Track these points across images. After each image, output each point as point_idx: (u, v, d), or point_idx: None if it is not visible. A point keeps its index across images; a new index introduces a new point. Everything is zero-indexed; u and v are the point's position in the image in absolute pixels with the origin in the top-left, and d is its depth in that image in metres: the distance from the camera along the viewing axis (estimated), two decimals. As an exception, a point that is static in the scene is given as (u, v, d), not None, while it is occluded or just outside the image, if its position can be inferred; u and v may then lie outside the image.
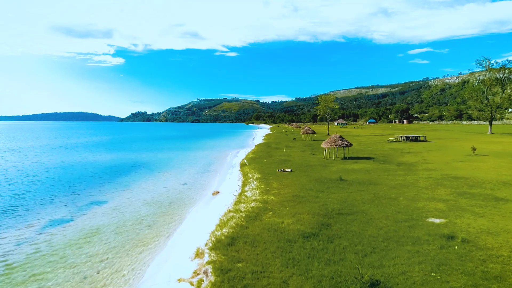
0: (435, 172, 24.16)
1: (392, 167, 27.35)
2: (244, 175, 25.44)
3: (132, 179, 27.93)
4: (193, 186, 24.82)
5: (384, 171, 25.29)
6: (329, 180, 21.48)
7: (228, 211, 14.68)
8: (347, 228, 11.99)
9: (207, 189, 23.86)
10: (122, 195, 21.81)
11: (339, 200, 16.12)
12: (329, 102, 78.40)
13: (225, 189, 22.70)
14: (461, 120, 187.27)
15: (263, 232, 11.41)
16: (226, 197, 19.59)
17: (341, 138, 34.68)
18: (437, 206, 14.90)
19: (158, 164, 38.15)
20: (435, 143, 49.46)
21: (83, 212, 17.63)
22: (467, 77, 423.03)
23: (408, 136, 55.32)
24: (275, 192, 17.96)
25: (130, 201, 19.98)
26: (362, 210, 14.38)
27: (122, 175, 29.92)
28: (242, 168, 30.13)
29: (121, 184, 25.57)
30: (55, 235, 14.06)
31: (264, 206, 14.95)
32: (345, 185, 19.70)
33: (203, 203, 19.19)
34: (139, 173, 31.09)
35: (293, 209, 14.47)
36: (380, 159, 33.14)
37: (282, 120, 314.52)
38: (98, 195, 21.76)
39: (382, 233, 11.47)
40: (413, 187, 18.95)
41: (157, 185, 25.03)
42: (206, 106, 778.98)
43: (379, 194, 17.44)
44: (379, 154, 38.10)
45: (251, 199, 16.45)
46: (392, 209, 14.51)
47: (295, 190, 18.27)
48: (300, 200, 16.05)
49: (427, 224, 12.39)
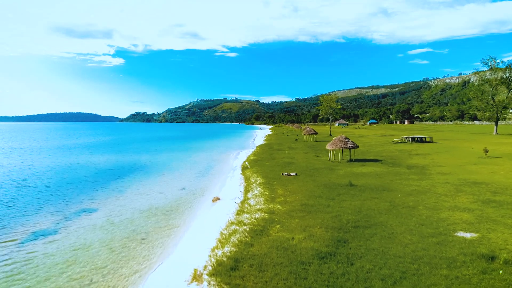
0: (450, 176, 22.59)
1: (403, 171, 25.79)
2: (246, 180, 23.87)
3: (127, 183, 26.35)
4: (192, 192, 23.24)
5: (395, 175, 23.73)
6: (338, 185, 19.92)
7: (230, 223, 13.12)
8: (368, 245, 10.43)
9: (206, 195, 22.29)
10: (115, 202, 20.23)
11: (352, 209, 14.55)
12: (331, 102, 76.82)
13: (226, 194, 21.13)
14: (463, 121, 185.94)
15: (271, 251, 9.83)
16: (227, 204, 18.04)
17: (347, 140, 33.13)
18: (463, 217, 13.33)
19: (156, 166, 36.57)
20: (442, 144, 47.91)
21: (70, 223, 16.05)
22: (467, 77, 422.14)
23: (414, 137, 53.78)
24: (281, 200, 16.38)
25: (123, 210, 18.39)
26: (380, 222, 12.82)
27: (117, 179, 28.34)
28: (243, 172, 28.56)
29: (115, 189, 23.98)
30: (35, 253, 12.47)
31: (270, 217, 13.38)
32: (357, 192, 18.13)
33: (202, 212, 17.61)
34: (135, 177, 29.52)
35: (303, 220, 12.90)
36: (388, 162, 31.60)
37: (282, 121, 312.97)
38: (89, 202, 20.18)
39: (409, 251, 9.91)
40: (431, 194, 17.39)
41: (154, 191, 23.45)
42: (206, 106, 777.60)
43: (395, 202, 15.88)
44: (386, 156, 36.55)
45: (255, 209, 14.88)
46: (413, 220, 12.94)
47: (302, 198, 16.70)
48: (309, 209, 14.48)
49: (458, 240, 10.83)
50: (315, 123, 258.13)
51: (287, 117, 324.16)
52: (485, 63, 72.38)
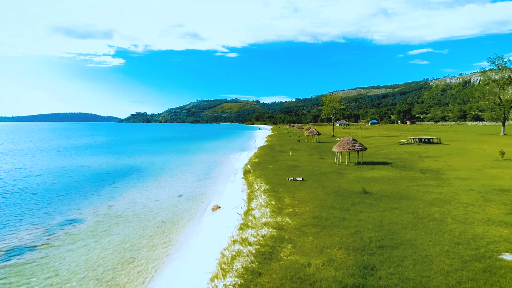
0: (471, 182, 20.75)
1: (418, 175, 23.96)
2: (249, 185, 22.03)
3: (120, 188, 24.51)
4: (190, 198, 21.40)
5: (410, 180, 21.89)
6: (351, 192, 18.08)
7: (233, 241, 11.29)
8: (401, 273, 8.58)
9: (206, 202, 20.45)
10: (104, 211, 18.38)
11: (372, 223, 12.72)
12: (334, 102, 75.01)
13: (227, 202, 19.29)
14: (465, 121, 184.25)
15: (284, 284, 7.98)
16: (228, 215, 16.21)
17: (354, 141, 31.31)
18: (501, 233, 11.50)
19: (153, 169, 34.73)
20: (451, 146, 46.07)
21: (49, 238, 14.21)
22: (468, 78, 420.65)
23: (421, 138, 51.93)
24: (290, 211, 14.53)
25: (112, 221, 16.55)
26: (408, 240, 10.98)
27: (111, 184, 26.51)
28: (245, 176, 26.72)
29: (106, 195, 22.14)
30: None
31: (279, 235, 11.53)
32: (373, 200, 16.30)
33: (200, 223, 15.77)
34: (130, 181, 27.68)
35: (318, 238, 11.06)
36: (398, 165, 29.77)
37: (283, 121, 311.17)
38: (76, 211, 18.32)
39: (453, 283, 8.07)
40: (457, 204, 15.55)
41: (148, 198, 21.60)
42: (206, 106, 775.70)
43: (418, 213, 14.04)
44: (395, 158, 34.72)
45: (260, 222, 13.04)
46: (446, 238, 11.11)
47: (314, 208, 14.85)
48: (323, 223, 12.64)
49: (507, 265, 8.99)
50: (316, 123, 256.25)
51: (287, 118, 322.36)
52: (492, 62, 70.56)
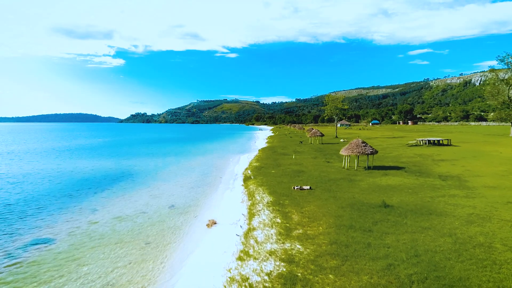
0: (504, 192, 18.16)
1: (438, 182, 21.40)
2: (250, 195, 19.46)
3: (106, 199, 21.95)
4: (182, 210, 18.83)
5: (432, 189, 19.33)
6: (369, 206, 15.52)
7: (230, 280, 8.73)
8: None
9: (200, 215, 17.89)
10: (82, 229, 15.81)
11: (405, 251, 10.15)
12: (337, 102, 72.41)
13: (224, 216, 16.75)
14: (468, 121, 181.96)
15: None
16: (225, 233, 13.67)
17: (364, 144, 28.78)
18: None
19: (146, 174, 32.16)
20: (463, 148, 43.50)
21: (9, 263, 11.67)
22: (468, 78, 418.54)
23: (430, 140, 49.36)
24: (300, 233, 11.95)
25: (88, 244, 13.98)
26: (459, 278, 8.42)
27: (97, 192, 23.96)
28: (246, 183, 24.15)
29: (89, 208, 19.57)
30: None
31: (289, 272, 8.95)
32: (396, 217, 13.74)
33: (191, 245, 13.19)
34: (119, 188, 25.12)
35: (341, 278, 8.50)
36: (412, 169, 27.23)
37: (283, 121, 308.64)
38: (49, 229, 15.75)
39: None
40: (499, 222, 12.98)
41: (136, 210, 19.02)
42: (206, 107, 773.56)
43: (457, 235, 11.48)
44: (407, 162, 32.17)
45: (265, 250, 10.47)
46: (508, 275, 8.56)
47: (328, 229, 12.28)
48: (344, 252, 10.08)
49: None
50: (316, 123, 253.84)
51: (287, 118, 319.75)
52: (501, 60, 68.02)
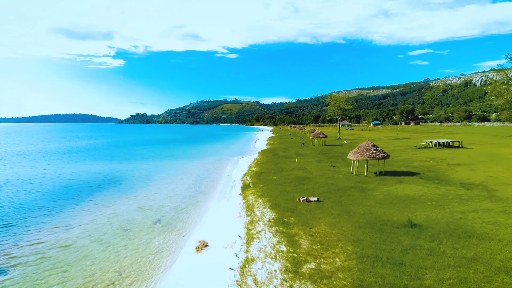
0: (547, 205, 15.53)
1: (463, 192, 18.75)
2: (249, 209, 16.78)
3: (85, 212, 19.30)
4: (169, 227, 16.17)
5: (459, 201, 16.68)
6: (391, 224, 12.86)
7: None
8: None
9: (189, 233, 15.24)
10: (47, 253, 13.16)
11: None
12: (340, 102, 69.69)
13: (218, 235, 14.10)
14: (471, 122, 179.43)
15: None
16: (217, 262, 11.03)
17: (375, 148, 26.14)
18: None
19: (136, 180, 29.51)
20: (476, 150, 40.85)
21: None
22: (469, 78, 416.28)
23: (440, 141, 46.72)
24: (312, 270, 9.24)
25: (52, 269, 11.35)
26: None
27: (77, 202, 21.32)
28: (244, 192, 21.48)
29: (62, 223, 16.91)
30: None
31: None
32: (429, 241, 11.08)
33: (175, 277, 10.53)
34: (103, 198, 22.45)
35: None
36: (428, 176, 24.60)
37: (283, 122, 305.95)
38: (6, 253, 13.11)
39: None
40: (560, 249, 10.33)
41: (116, 226, 16.35)
42: (206, 107, 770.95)
43: (516, 272, 8.82)
44: (420, 166, 29.52)
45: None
46: None
47: (348, 261, 9.60)
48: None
49: None
50: (317, 124, 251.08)
51: (288, 118, 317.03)
52: (511, 59, 65.37)
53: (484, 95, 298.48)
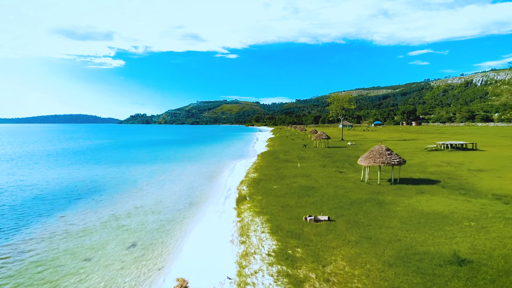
0: None
1: (503, 208, 15.58)
2: (243, 232, 13.54)
3: (48, 229, 16.10)
4: (145, 254, 12.97)
5: (505, 222, 13.49)
6: (431, 260, 9.67)
7: None
8: None
9: (167, 264, 12.04)
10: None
11: None
12: (343, 101, 66.56)
13: (201, 271, 10.91)
14: (474, 122, 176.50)
15: None
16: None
17: (389, 152, 22.93)
18: None
19: (119, 189, 26.31)
20: (493, 153, 37.71)
21: None
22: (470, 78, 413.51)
23: (452, 144, 43.56)
24: None
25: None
26: None
27: (46, 216, 18.17)
28: (239, 206, 18.23)
29: (15, 245, 13.71)
30: None
31: None
32: (493, 292, 7.92)
33: None
34: (74, 213, 19.25)
35: None
36: (450, 184, 21.44)
37: (283, 122, 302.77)
38: None
39: None
40: None
41: (75, 255, 13.11)
42: (205, 108, 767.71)
43: None
44: (438, 172, 26.36)
45: None
46: None
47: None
48: None
49: None
50: (317, 124, 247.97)
51: (288, 119, 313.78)
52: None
53: (485, 95, 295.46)
